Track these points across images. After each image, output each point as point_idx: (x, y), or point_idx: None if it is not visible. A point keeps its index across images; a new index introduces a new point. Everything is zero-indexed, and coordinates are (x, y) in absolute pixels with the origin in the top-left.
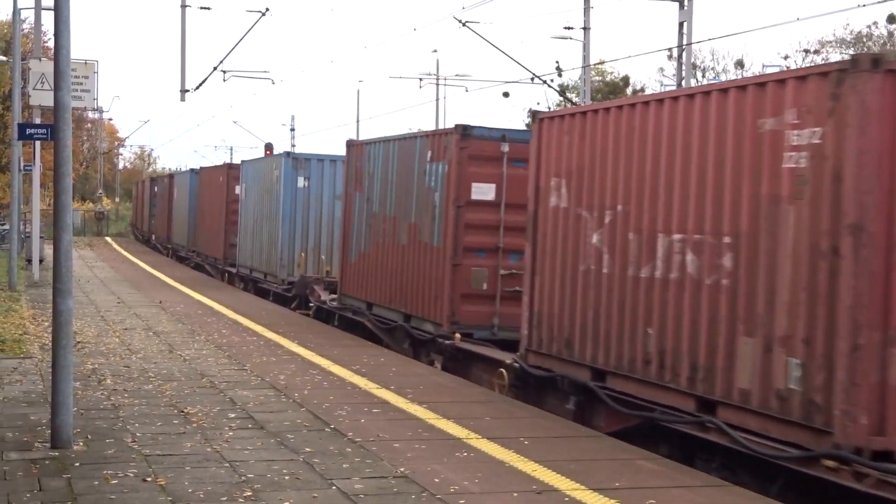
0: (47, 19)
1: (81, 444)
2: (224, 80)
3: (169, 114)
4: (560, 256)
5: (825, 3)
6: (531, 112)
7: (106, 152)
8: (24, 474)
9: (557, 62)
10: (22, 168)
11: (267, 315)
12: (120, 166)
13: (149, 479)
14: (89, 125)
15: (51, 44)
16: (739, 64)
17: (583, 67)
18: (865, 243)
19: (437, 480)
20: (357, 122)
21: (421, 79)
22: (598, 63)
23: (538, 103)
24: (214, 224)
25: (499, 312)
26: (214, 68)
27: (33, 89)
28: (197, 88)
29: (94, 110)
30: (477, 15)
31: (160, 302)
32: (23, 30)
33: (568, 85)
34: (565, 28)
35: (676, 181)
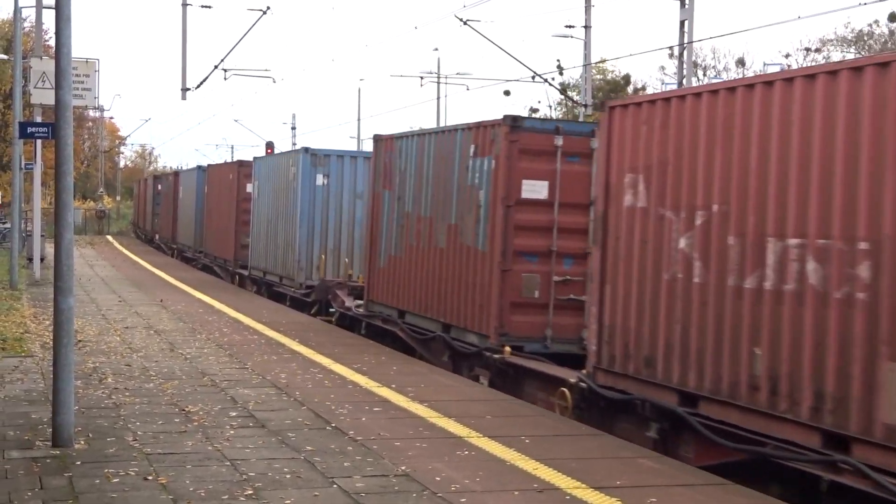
0: (48, 17)
1: (83, 443)
2: (225, 79)
3: (170, 112)
4: (637, 263)
5: (826, 2)
6: (600, 101)
7: (107, 151)
8: (26, 473)
9: (558, 60)
10: (23, 166)
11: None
12: (121, 165)
13: (150, 478)
14: (90, 124)
15: (52, 42)
16: (740, 62)
17: (584, 66)
18: None
19: (439, 479)
20: (358, 121)
21: (422, 77)
22: (600, 61)
23: (539, 102)
24: (224, 224)
25: (552, 323)
26: (215, 67)
27: (34, 88)
28: (198, 87)
29: (96, 109)
30: (478, 13)
31: (161, 300)
32: (24, 28)
33: (569, 83)
34: (566, 26)
35: (792, 176)
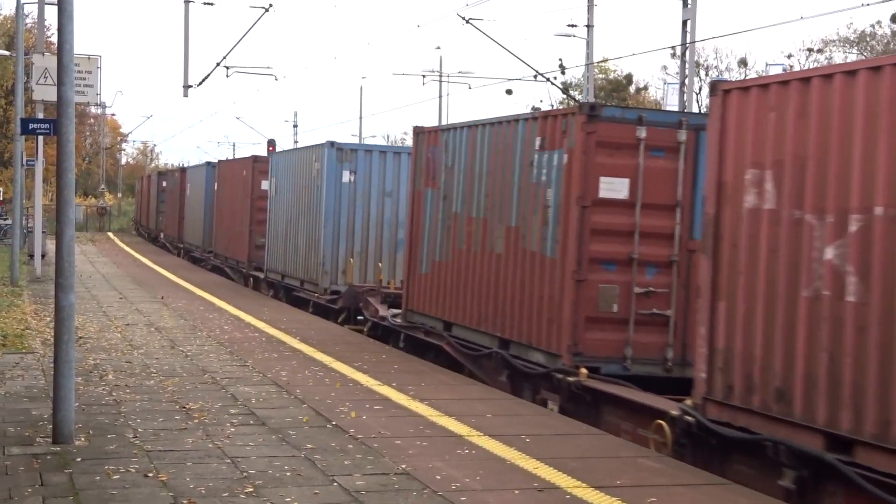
0: (50, 14)
1: (83, 440)
2: (227, 76)
3: (172, 109)
4: (764, 276)
5: (829, 2)
6: (711, 83)
7: (108, 148)
8: (26, 469)
9: (561, 60)
10: (24, 163)
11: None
12: (122, 162)
13: (150, 475)
14: (92, 120)
15: (54, 38)
16: (743, 62)
17: (586, 65)
18: None
19: (439, 477)
20: (360, 119)
21: (424, 76)
22: (602, 61)
23: (541, 101)
24: (237, 223)
25: (632, 341)
26: (217, 64)
27: (36, 84)
28: (200, 84)
29: (97, 105)
30: (480, 12)
31: (161, 297)
32: (26, 24)
33: (571, 82)
34: (569, 25)
35: None
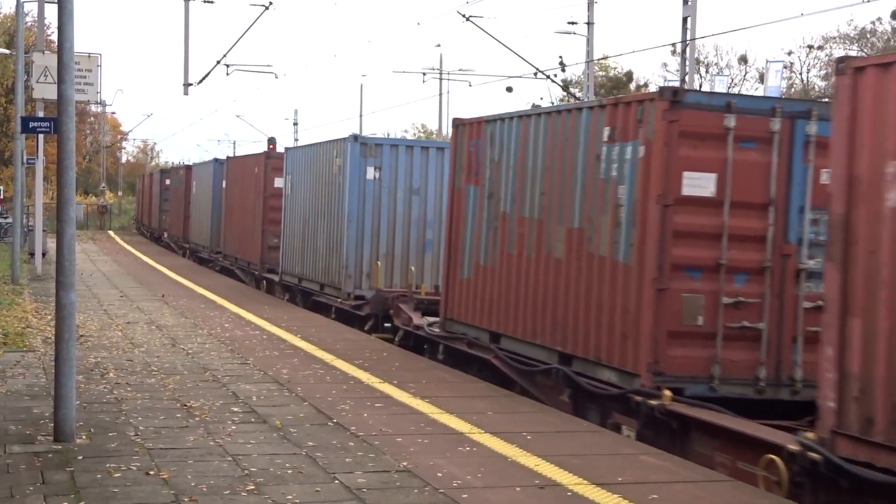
0: (50, 12)
1: (84, 438)
2: (227, 74)
3: (172, 108)
4: None
5: None
6: (838, 59)
7: (109, 146)
8: (27, 467)
9: (561, 57)
10: (25, 161)
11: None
12: (123, 160)
13: (152, 473)
14: (92, 119)
15: (54, 37)
16: (743, 59)
17: (586, 62)
18: None
19: (440, 475)
20: (360, 117)
21: (424, 73)
22: (602, 58)
23: (542, 98)
24: (248, 223)
25: (720, 358)
26: (218, 62)
27: (36, 82)
28: (200, 82)
29: (98, 104)
30: (480, 9)
31: (162, 296)
32: (26, 23)
33: (571, 80)
34: (569, 23)
35: None
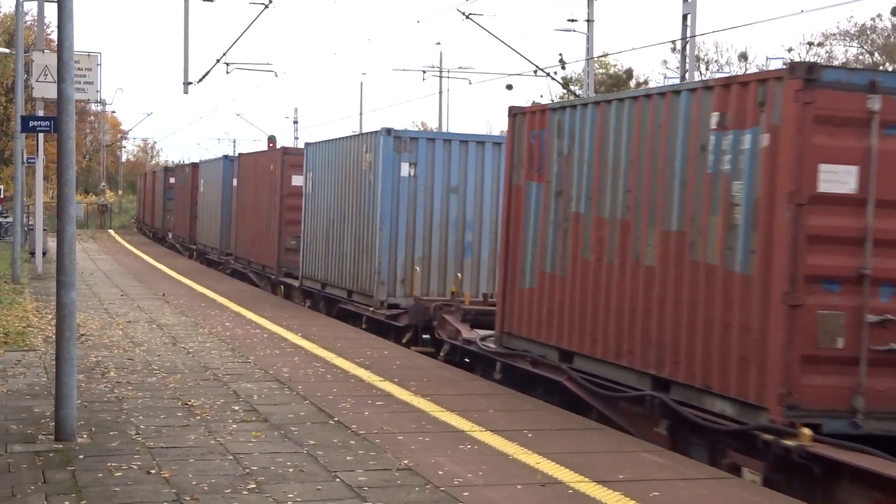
0: (50, 11)
1: (85, 437)
2: (227, 73)
3: (172, 106)
4: None
5: None
6: None
7: (109, 145)
8: (29, 467)
9: (561, 55)
10: (25, 160)
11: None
12: (123, 159)
13: (153, 472)
14: (92, 117)
15: (54, 36)
16: (743, 56)
17: (586, 60)
18: None
19: (441, 473)
20: (360, 115)
21: (424, 71)
22: (602, 55)
23: (541, 96)
24: (262, 223)
25: (864, 388)
26: (217, 61)
27: (36, 81)
28: (200, 81)
29: (98, 102)
30: (480, 7)
31: (163, 295)
32: (26, 22)
33: (571, 77)
34: (569, 20)
35: None
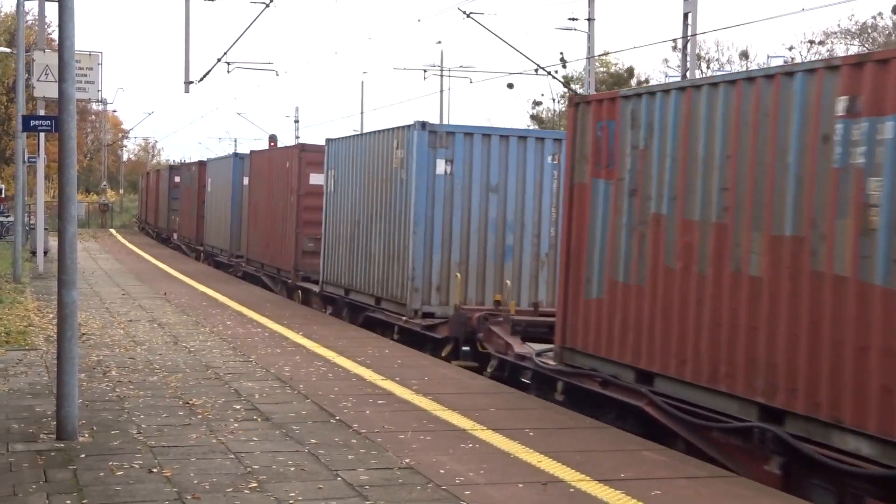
0: (51, 11)
1: (87, 436)
2: (228, 72)
3: (173, 105)
4: None
5: None
6: None
7: (110, 144)
8: (30, 466)
9: (562, 53)
10: (26, 160)
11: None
12: (124, 158)
13: (154, 471)
14: (93, 117)
15: (55, 35)
16: (744, 55)
17: (587, 58)
18: None
19: (443, 471)
20: (361, 114)
21: (425, 70)
22: (603, 54)
23: (542, 94)
24: (277, 224)
25: None
26: (218, 60)
27: (37, 81)
28: (201, 80)
29: (99, 102)
30: (481, 6)
31: (164, 293)
32: (27, 21)
33: (572, 76)
34: (570, 19)
35: None
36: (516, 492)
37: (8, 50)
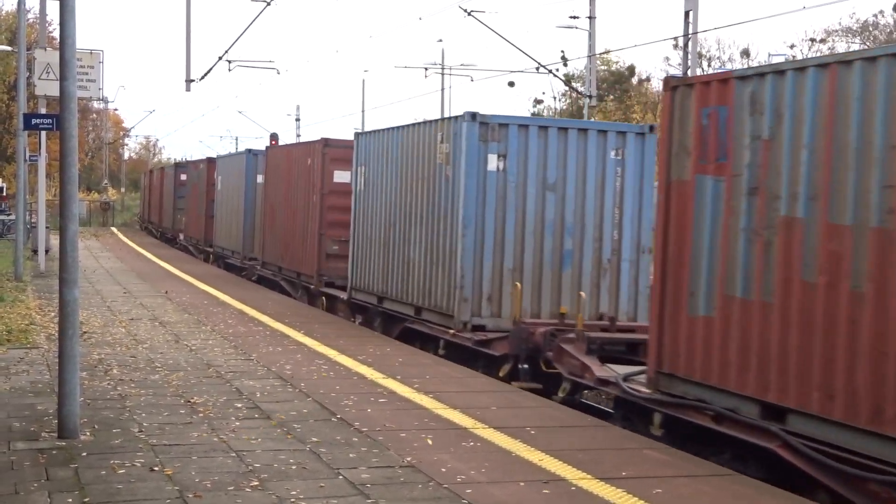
0: (52, 9)
1: (88, 434)
2: (229, 70)
3: (174, 104)
4: None
5: None
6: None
7: (111, 142)
8: (32, 464)
9: (563, 52)
10: (27, 158)
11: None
12: (125, 156)
13: (156, 469)
14: (94, 115)
15: (56, 34)
16: (745, 53)
17: (588, 57)
18: None
19: (444, 470)
20: (362, 113)
21: (426, 68)
22: (604, 52)
23: (543, 93)
24: (297, 225)
25: None
26: (220, 58)
27: (39, 79)
28: (202, 78)
29: (100, 100)
30: (482, 4)
31: (166, 292)
32: (28, 20)
33: (573, 74)
34: (571, 17)
35: None
36: (518, 490)
37: (9, 48)
